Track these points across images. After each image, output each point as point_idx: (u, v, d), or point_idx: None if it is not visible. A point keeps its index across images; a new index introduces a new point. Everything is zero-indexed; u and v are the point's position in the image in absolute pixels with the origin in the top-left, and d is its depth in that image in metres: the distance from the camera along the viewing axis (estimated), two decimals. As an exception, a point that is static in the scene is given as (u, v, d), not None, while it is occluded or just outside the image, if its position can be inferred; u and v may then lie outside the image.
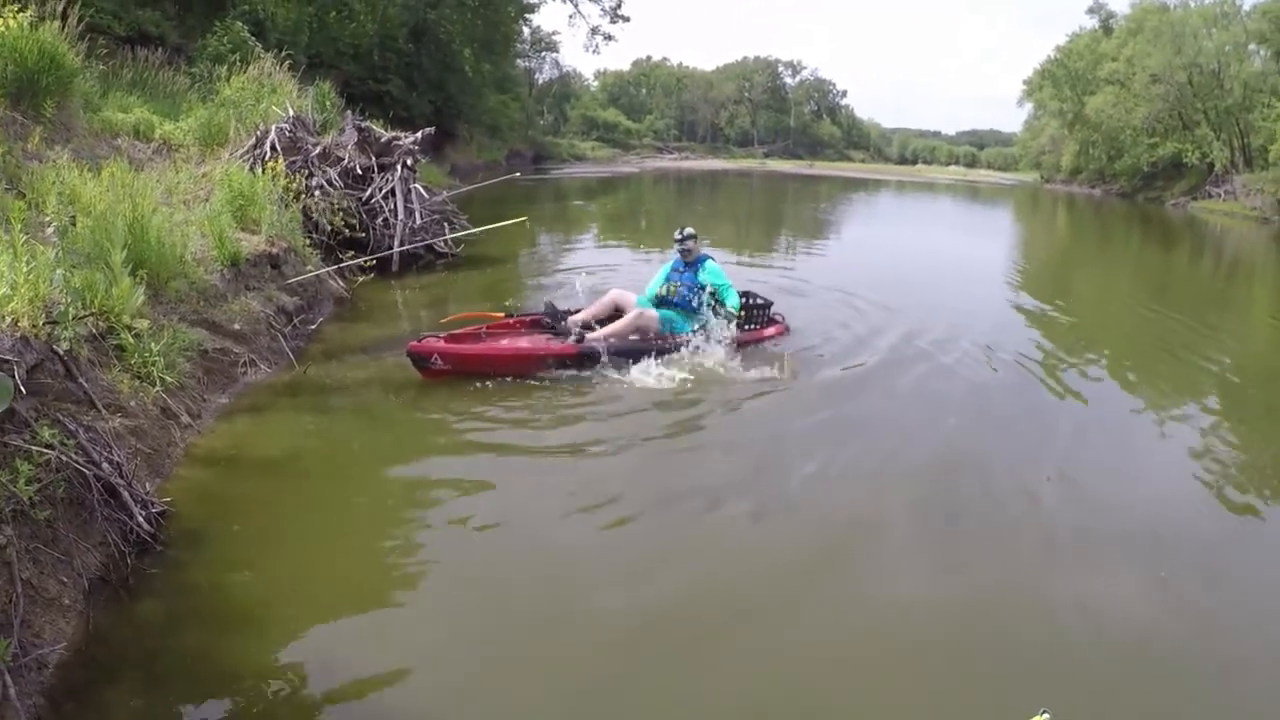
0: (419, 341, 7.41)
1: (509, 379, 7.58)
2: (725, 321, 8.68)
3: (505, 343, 8.03)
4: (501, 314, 8.51)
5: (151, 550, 4.46)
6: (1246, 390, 9.88)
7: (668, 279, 9.00)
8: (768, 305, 9.76)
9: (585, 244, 20.05)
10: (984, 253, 24.08)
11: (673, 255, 9.14)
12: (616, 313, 8.61)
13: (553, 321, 8.34)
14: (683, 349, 8.32)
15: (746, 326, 9.36)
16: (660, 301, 8.87)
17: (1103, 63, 63.20)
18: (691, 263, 8.95)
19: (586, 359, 7.93)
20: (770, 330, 9.58)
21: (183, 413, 6.02)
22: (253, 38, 19.35)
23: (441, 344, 7.45)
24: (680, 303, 8.77)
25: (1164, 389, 9.45)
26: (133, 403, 5.50)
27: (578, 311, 8.62)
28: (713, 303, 8.69)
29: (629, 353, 8.08)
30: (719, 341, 8.55)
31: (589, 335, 8.12)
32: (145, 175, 9.16)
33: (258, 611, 4.13)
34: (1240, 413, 8.75)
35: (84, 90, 11.78)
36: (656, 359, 8.08)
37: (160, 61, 16.34)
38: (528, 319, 8.47)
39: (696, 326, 8.64)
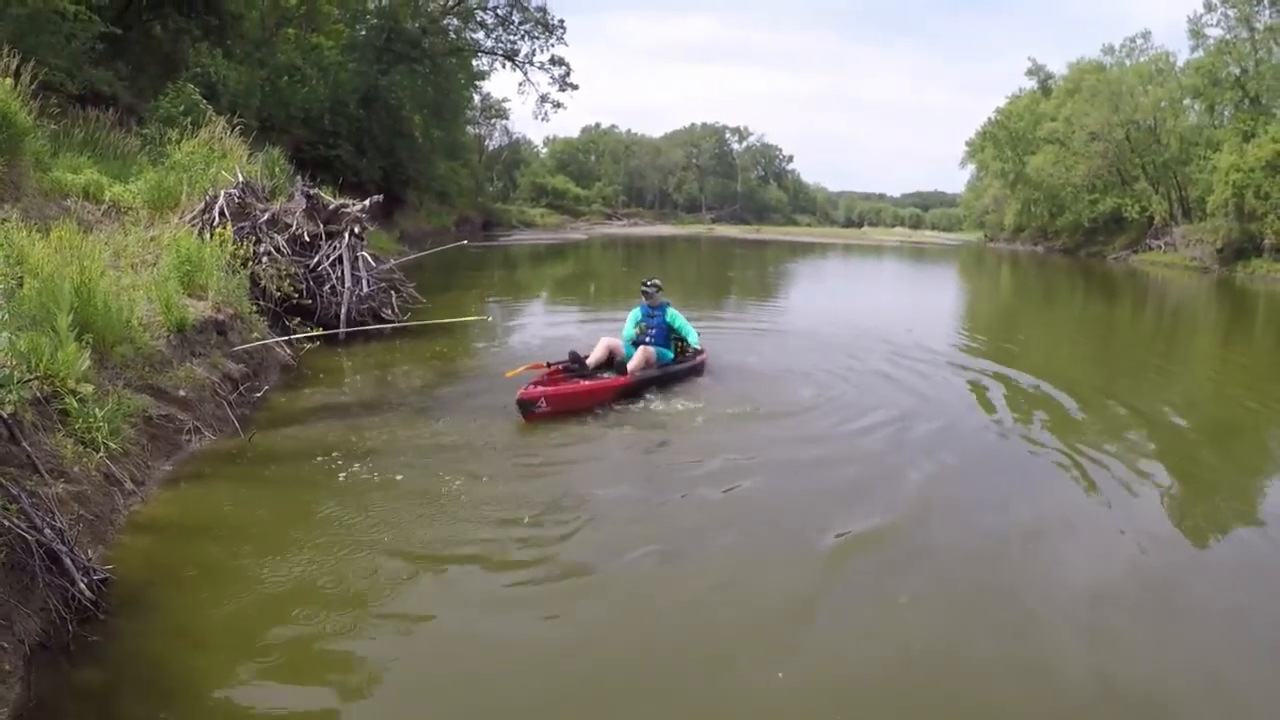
0: (525, 390, 8.70)
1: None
2: (692, 350, 11.05)
3: (580, 383, 9.56)
4: (543, 364, 9.80)
5: (93, 618, 4.47)
6: (1195, 428, 10.43)
7: (640, 321, 10.81)
8: None
9: (535, 310, 20.18)
10: (933, 309, 25.01)
11: (638, 304, 11.00)
12: (610, 355, 10.44)
13: (579, 366, 9.84)
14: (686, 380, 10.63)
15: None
16: (637, 341, 10.62)
17: (1042, 122, 65.46)
18: (656, 307, 10.83)
19: (638, 387, 9.85)
20: (700, 358, 11.32)
21: (126, 479, 6.03)
22: (205, 100, 19.41)
23: (546, 389, 8.90)
24: (655, 340, 10.60)
25: (1116, 430, 9.74)
26: (76, 468, 5.51)
27: (588, 356, 10.28)
28: (677, 339, 10.92)
29: (653, 380, 10.15)
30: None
31: (630, 370, 10.03)
32: (94, 237, 9.16)
33: (198, 682, 4.15)
34: (1190, 449, 9.30)
35: (34, 149, 11.78)
36: (661, 388, 10.11)
37: (112, 122, 16.36)
38: (560, 366, 9.78)
39: (673, 356, 10.78)
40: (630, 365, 10.13)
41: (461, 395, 10.03)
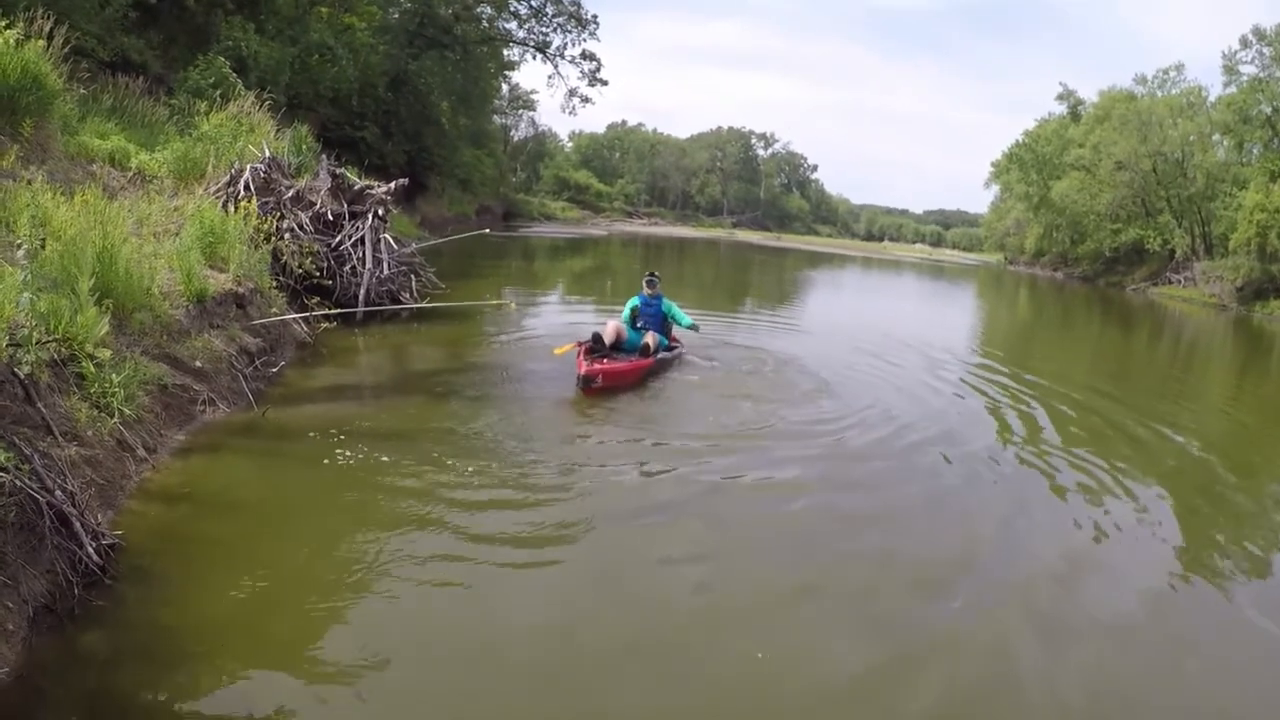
0: (588, 368, 9.75)
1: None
2: (689, 329, 12.24)
3: (622, 361, 10.71)
4: (576, 343, 10.90)
5: (100, 583, 4.46)
6: (1201, 466, 10.13)
7: (636, 306, 11.78)
8: None
9: (551, 301, 20.20)
10: (951, 330, 24.64)
11: (639, 293, 11.97)
12: (618, 337, 11.22)
13: (603, 347, 10.79)
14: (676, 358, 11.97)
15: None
16: (633, 323, 11.66)
17: (1069, 148, 64.69)
18: (654, 297, 11.83)
19: (657, 367, 11.15)
20: (680, 350, 12.41)
21: (139, 446, 6.02)
22: (234, 74, 19.44)
23: (603, 367, 10.01)
24: (651, 325, 11.65)
25: (1118, 467, 9.37)
26: (89, 432, 5.50)
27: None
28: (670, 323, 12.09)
29: (663, 361, 11.43)
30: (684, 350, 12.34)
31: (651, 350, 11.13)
32: (118, 204, 9.17)
33: (201, 653, 4.13)
34: (1190, 490, 8.96)
35: (63, 112, 11.80)
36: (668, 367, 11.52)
37: (141, 90, 16.37)
38: (587, 345, 10.76)
39: (668, 340, 11.95)
40: (651, 346, 11.13)
41: (474, 382, 10.08)
